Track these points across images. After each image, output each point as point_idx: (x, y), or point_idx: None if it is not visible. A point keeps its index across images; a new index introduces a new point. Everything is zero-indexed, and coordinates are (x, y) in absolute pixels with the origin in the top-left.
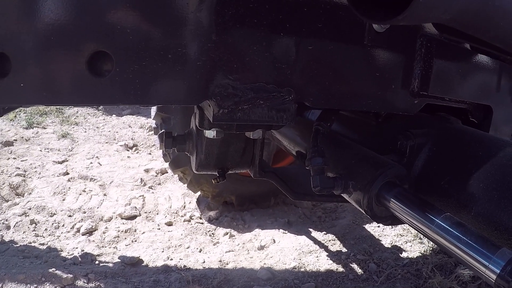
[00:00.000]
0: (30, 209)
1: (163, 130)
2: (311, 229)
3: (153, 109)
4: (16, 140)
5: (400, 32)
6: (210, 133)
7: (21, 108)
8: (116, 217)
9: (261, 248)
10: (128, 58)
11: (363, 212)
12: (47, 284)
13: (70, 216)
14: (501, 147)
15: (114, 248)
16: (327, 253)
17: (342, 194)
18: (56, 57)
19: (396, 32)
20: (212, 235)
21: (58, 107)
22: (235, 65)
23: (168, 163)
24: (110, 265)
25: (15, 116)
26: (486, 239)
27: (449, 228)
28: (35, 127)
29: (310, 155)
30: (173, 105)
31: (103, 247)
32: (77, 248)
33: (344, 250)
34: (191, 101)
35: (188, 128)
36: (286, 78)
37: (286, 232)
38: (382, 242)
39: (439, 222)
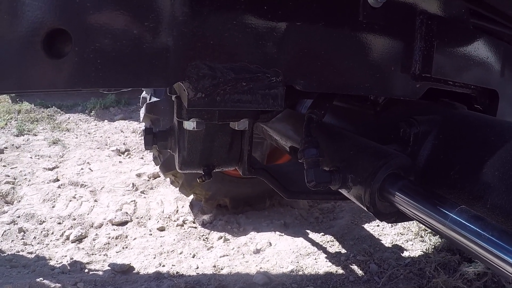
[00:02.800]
0: (19, 217)
1: (143, 127)
2: (308, 231)
3: (142, 111)
4: (6, 147)
5: (397, 8)
6: (190, 124)
7: (12, 115)
8: (107, 223)
9: (257, 251)
10: (88, 35)
11: (365, 209)
12: None
13: (59, 223)
14: None
15: (104, 255)
16: (326, 255)
17: (340, 190)
18: (8, 38)
19: (393, 8)
20: (206, 239)
21: (49, 114)
22: (211, 41)
23: (158, 166)
24: (100, 273)
25: (6, 124)
26: (511, 234)
27: (466, 223)
28: (26, 134)
29: (302, 146)
30: (141, 88)
31: (93, 254)
32: (66, 256)
33: (343, 251)
34: (161, 83)
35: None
36: (272, 58)
37: (283, 234)
38: (382, 241)
39: (454, 216)
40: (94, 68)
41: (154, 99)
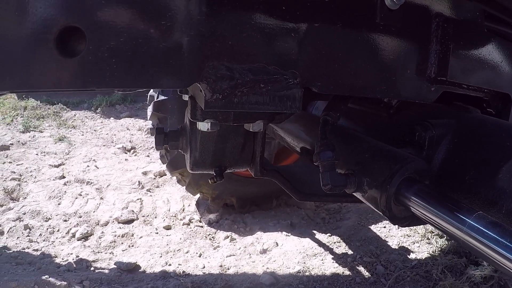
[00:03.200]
0: (24, 214)
1: (150, 125)
2: (315, 231)
3: (149, 109)
4: (12, 144)
5: (414, 11)
6: (204, 126)
7: (18, 111)
8: (113, 221)
9: (264, 251)
10: (103, 33)
11: (380, 213)
12: None
13: (65, 220)
14: None
15: (110, 253)
16: (333, 256)
17: (355, 193)
18: (20, 35)
19: (409, 11)
20: (212, 239)
21: (55, 110)
22: (229, 41)
23: (165, 164)
24: (106, 271)
25: (12, 120)
26: None
27: (484, 229)
28: (32, 130)
29: (318, 149)
30: (157, 88)
31: (98, 252)
32: (72, 254)
33: (350, 252)
34: (178, 84)
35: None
36: (290, 59)
37: (289, 234)
38: (389, 243)
39: (472, 222)
40: (109, 67)
41: (161, 97)
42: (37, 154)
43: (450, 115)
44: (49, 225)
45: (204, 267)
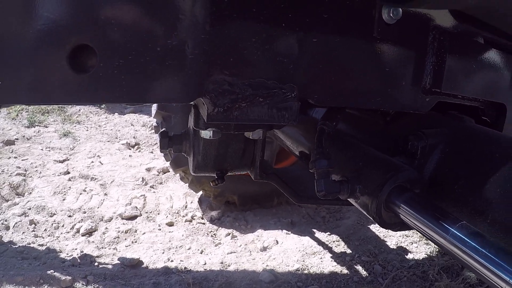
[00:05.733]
0: (30, 209)
1: (162, 129)
2: (314, 230)
3: (154, 107)
4: (17, 139)
5: (411, 25)
6: (206, 134)
7: (23, 106)
8: (117, 217)
9: (264, 249)
10: (112, 52)
11: (371, 218)
12: (45, 286)
13: (70, 216)
14: None
15: (114, 249)
16: (331, 255)
17: (348, 199)
18: (35, 53)
19: (406, 24)
20: (214, 235)
21: (59, 105)
22: (231, 58)
23: (169, 162)
24: (110, 266)
25: (17, 115)
26: (507, 252)
27: (465, 239)
28: (37, 125)
29: (314, 157)
30: (164, 103)
31: (102, 248)
32: (76, 249)
33: (349, 251)
34: (183, 99)
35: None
36: (288, 74)
37: (290, 232)
38: (387, 243)
39: (455, 231)
40: (119, 83)
41: None
42: (42, 149)
43: (444, 125)
44: (54, 221)
45: (205, 263)
